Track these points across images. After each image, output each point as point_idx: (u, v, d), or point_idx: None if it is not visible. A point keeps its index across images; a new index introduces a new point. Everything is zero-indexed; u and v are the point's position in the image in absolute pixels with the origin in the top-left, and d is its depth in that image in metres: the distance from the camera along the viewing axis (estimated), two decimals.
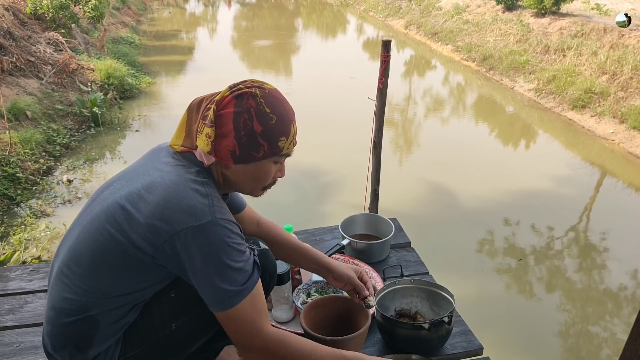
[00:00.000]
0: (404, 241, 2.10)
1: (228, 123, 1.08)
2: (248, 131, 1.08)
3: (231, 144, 1.09)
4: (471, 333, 1.59)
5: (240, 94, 1.09)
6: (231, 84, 1.13)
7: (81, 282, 1.08)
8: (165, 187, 1.06)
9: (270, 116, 1.10)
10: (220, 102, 1.10)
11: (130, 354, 1.15)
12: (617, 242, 4.54)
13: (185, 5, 20.77)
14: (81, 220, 1.15)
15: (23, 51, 7.11)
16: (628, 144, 6.51)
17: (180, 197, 1.04)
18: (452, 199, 5.15)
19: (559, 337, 3.42)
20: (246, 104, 1.08)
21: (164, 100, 8.18)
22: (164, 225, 1.03)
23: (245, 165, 1.12)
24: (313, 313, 1.43)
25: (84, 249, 1.09)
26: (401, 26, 14.87)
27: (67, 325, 1.10)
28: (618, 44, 8.34)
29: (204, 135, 1.09)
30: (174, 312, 1.15)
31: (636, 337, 1.00)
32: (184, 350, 1.20)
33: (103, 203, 1.11)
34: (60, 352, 1.13)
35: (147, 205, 1.04)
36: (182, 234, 1.02)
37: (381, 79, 2.62)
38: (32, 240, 4.06)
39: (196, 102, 1.15)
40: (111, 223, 1.06)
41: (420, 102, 9.01)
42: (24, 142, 5.23)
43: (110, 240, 1.06)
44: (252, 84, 1.12)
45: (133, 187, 1.09)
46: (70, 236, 1.16)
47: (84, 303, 1.08)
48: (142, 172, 1.13)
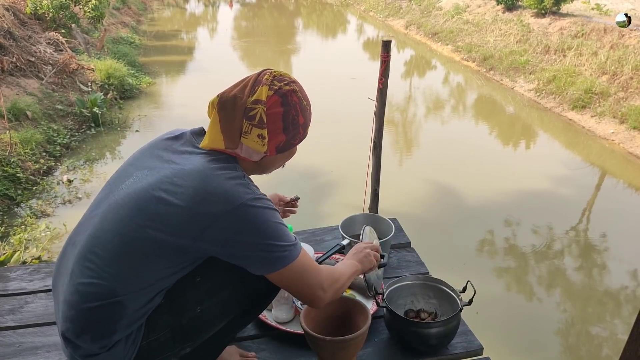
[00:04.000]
0: (404, 241, 2.10)
1: (277, 121, 1.15)
2: (295, 125, 1.19)
3: (280, 139, 1.18)
4: (471, 333, 1.60)
5: (285, 92, 1.16)
6: (263, 80, 1.16)
7: (109, 267, 1.08)
8: (200, 172, 1.09)
9: (307, 107, 1.22)
10: (267, 102, 1.14)
11: (152, 338, 1.15)
12: (617, 242, 4.54)
13: (185, 5, 20.77)
14: (102, 207, 1.14)
15: (23, 51, 7.11)
16: (628, 144, 6.51)
17: (219, 180, 1.08)
18: (452, 199, 5.15)
19: (559, 337, 3.42)
20: (291, 101, 1.17)
21: (164, 100, 8.19)
22: (209, 207, 1.06)
23: (283, 153, 1.22)
24: (313, 313, 1.43)
25: (111, 236, 1.08)
26: (401, 26, 14.87)
27: (93, 309, 1.09)
28: (618, 44, 8.34)
29: (254, 136, 1.13)
30: (199, 297, 1.17)
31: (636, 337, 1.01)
32: (202, 335, 1.21)
33: (130, 191, 1.11)
34: (83, 337, 1.11)
35: (185, 190, 1.07)
36: (229, 214, 1.06)
37: (381, 79, 2.62)
38: (33, 240, 4.06)
39: (228, 99, 1.15)
40: (145, 211, 1.07)
41: (421, 102, 9.01)
42: (24, 142, 5.23)
43: (142, 229, 1.07)
44: (286, 79, 1.19)
45: (162, 175, 1.10)
46: (89, 224, 1.14)
47: (112, 288, 1.08)
48: (165, 160, 1.15)
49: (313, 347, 1.40)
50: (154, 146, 1.23)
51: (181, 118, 7.06)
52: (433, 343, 1.47)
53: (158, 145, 1.22)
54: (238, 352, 1.47)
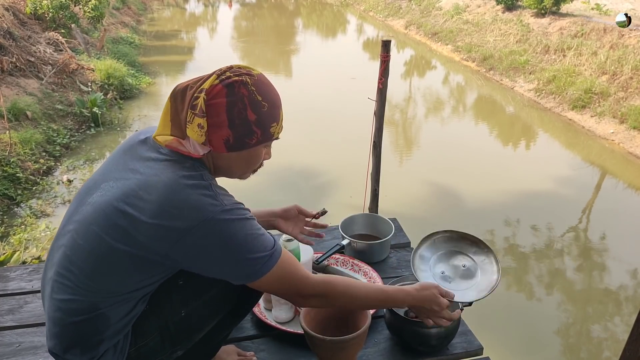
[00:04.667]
0: (404, 241, 2.10)
1: (221, 113, 1.07)
2: (242, 120, 1.08)
3: (225, 134, 1.08)
4: (471, 333, 1.59)
5: (231, 82, 1.08)
6: (217, 71, 1.11)
7: (85, 283, 1.07)
8: (165, 185, 1.03)
9: (262, 104, 1.10)
10: (210, 91, 1.07)
11: (140, 344, 1.15)
12: (617, 242, 4.54)
13: (185, 5, 20.76)
14: (73, 222, 1.12)
15: (23, 51, 7.11)
16: (628, 144, 6.51)
17: (184, 193, 1.03)
18: (452, 199, 5.15)
19: (559, 337, 3.42)
20: (238, 93, 1.07)
21: (164, 100, 8.12)
22: (174, 223, 1.01)
23: (239, 152, 1.12)
24: (313, 313, 1.43)
25: (84, 253, 1.07)
26: (401, 26, 14.87)
27: (77, 324, 1.08)
28: (618, 44, 8.34)
29: (195, 125, 1.06)
30: (183, 299, 1.15)
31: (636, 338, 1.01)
32: (192, 337, 1.20)
33: (96, 205, 1.08)
34: (71, 351, 1.11)
35: (150, 205, 1.02)
36: (196, 229, 1.01)
37: (381, 79, 2.62)
38: (32, 240, 4.06)
39: (180, 89, 1.11)
40: (112, 227, 1.04)
41: (420, 102, 9.01)
42: (24, 142, 5.24)
43: (113, 245, 1.04)
44: (240, 71, 1.11)
45: (127, 188, 1.06)
46: (62, 238, 1.13)
47: (92, 302, 1.07)
48: (129, 169, 1.10)
49: (313, 347, 1.40)
50: (123, 151, 1.18)
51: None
52: (433, 343, 1.47)
53: (126, 150, 1.17)
54: (237, 352, 1.47)
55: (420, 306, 1.29)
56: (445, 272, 1.53)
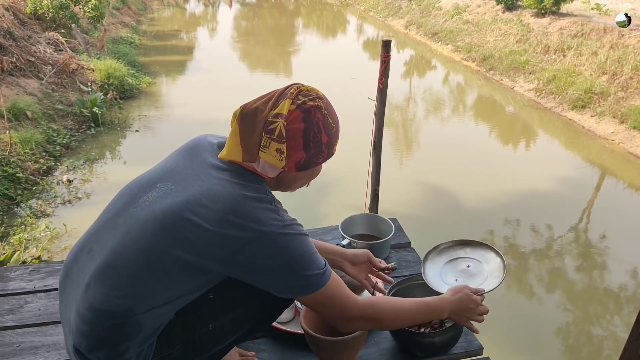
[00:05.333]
0: (404, 241, 2.10)
1: (298, 137, 1.10)
2: (317, 143, 1.12)
3: (300, 157, 1.12)
4: (471, 333, 1.59)
5: (308, 108, 1.10)
6: (288, 93, 1.12)
7: (130, 285, 1.06)
8: (231, 195, 1.06)
9: (332, 126, 1.15)
10: (288, 116, 1.09)
11: (165, 354, 1.14)
12: (617, 242, 4.54)
13: (185, 5, 20.77)
14: (123, 221, 1.10)
15: (23, 51, 7.11)
16: (628, 144, 6.52)
17: (249, 205, 1.06)
18: (452, 199, 5.15)
19: (559, 337, 3.42)
20: (314, 118, 1.11)
21: (164, 100, 8.19)
22: (238, 233, 1.04)
23: (305, 171, 1.17)
24: (313, 313, 1.43)
25: (134, 253, 1.06)
26: (401, 26, 14.87)
27: (110, 327, 1.07)
28: (618, 44, 8.34)
29: (272, 150, 1.09)
30: (212, 313, 1.15)
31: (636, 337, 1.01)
32: (212, 349, 1.21)
33: (154, 207, 1.08)
34: (96, 353, 1.09)
35: (214, 214, 1.04)
36: (258, 241, 1.04)
37: (381, 79, 2.62)
38: (32, 240, 4.06)
39: (249, 111, 1.11)
40: (171, 232, 1.04)
41: (421, 102, 9.01)
42: (24, 142, 5.23)
43: (169, 250, 1.04)
44: (312, 94, 1.13)
45: (189, 194, 1.07)
46: (108, 235, 1.11)
47: (129, 306, 1.06)
48: (192, 175, 1.11)
49: (313, 347, 1.40)
50: (183, 153, 1.19)
51: (181, 118, 7.06)
52: (435, 351, 1.47)
53: (186, 152, 1.19)
54: (238, 351, 1.47)
55: (459, 309, 1.32)
56: (458, 280, 1.55)
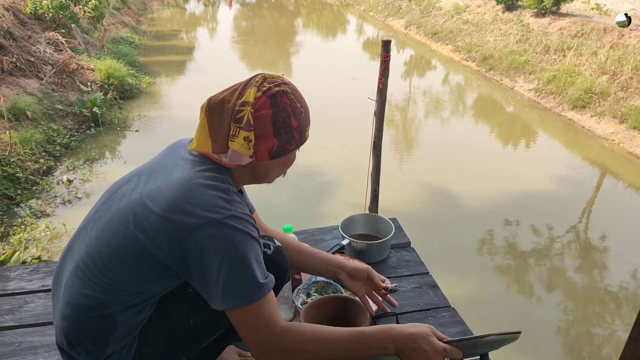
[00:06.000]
0: (404, 241, 2.10)
1: (266, 124, 1.09)
2: (286, 129, 1.11)
3: (271, 143, 1.11)
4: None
5: (274, 93, 1.10)
6: (253, 82, 1.12)
7: (98, 278, 1.07)
8: (184, 182, 1.05)
9: (301, 110, 1.14)
10: (255, 103, 1.08)
11: (146, 350, 1.15)
12: (617, 242, 4.54)
13: (185, 5, 20.77)
14: (98, 215, 1.13)
15: (23, 51, 7.11)
16: (628, 144, 6.51)
17: (201, 192, 1.03)
18: (452, 199, 5.15)
19: (559, 337, 3.42)
20: (281, 102, 1.10)
21: (164, 100, 8.19)
22: (184, 218, 1.01)
23: (279, 159, 1.15)
24: (313, 313, 1.43)
25: (103, 246, 1.07)
26: (401, 26, 14.87)
27: (85, 321, 1.09)
28: (618, 44, 8.34)
29: (240, 138, 1.08)
30: (191, 308, 1.14)
31: (636, 337, 1.00)
32: (197, 345, 1.20)
33: (122, 200, 1.10)
34: (77, 349, 1.11)
35: (165, 199, 1.03)
36: (202, 228, 1.00)
37: (381, 79, 2.62)
38: (32, 240, 4.06)
39: (216, 103, 1.11)
40: (131, 220, 1.05)
41: (420, 102, 9.01)
42: (24, 142, 5.23)
43: (128, 238, 1.05)
44: (277, 81, 1.13)
45: (154, 184, 1.08)
46: (85, 231, 1.14)
47: (102, 300, 1.07)
48: (162, 168, 1.13)
49: None
50: (163, 152, 1.22)
51: (181, 118, 7.06)
52: None
53: (169, 150, 1.22)
54: (237, 351, 1.47)
55: (406, 347, 1.04)
56: None
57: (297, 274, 1.69)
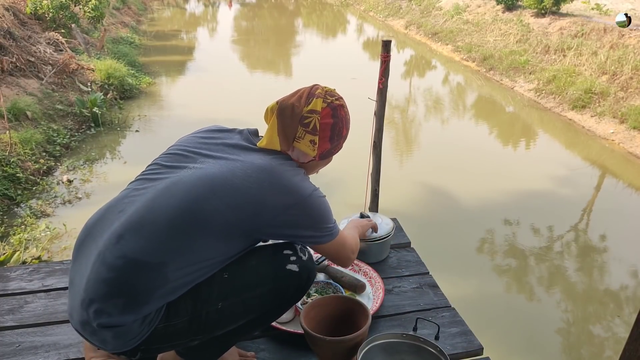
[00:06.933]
0: (404, 241, 2.10)
1: (327, 130, 1.33)
2: (339, 136, 1.37)
3: (326, 147, 1.35)
4: (471, 333, 1.59)
5: (336, 106, 1.34)
6: (316, 93, 1.32)
7: (168, 240, 1.13)
8: (272, 168, 1.23)
9: (349, 122, 1.42)
10: (321, 112, 1.31)
11: (170, 323, 1.16)
12: (617, 242, 4.54)
13: (185, 5, 20.77)
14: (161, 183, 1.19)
15: (23, 51, 7.11)
16: (628, 144, 6.52)
17: (287, 175, 1.24)
18: (452, 199, 5.15)
19: (559, 337, 3.42)
20: (340, 114, 1.36)
21: (164, 100, 8.19)
22: (281, 199, 1.20)
23: (325, 159, 1.40)
24: (313, 313, 1.43)
25: (178, 212, 1.14)
26: (401, 26, 14.87)
27: (137, 277, 1.11)
28: (618, 44, 8.34)
29: (307, 141, 1.30)
30: (223, 292, 1.21)
31: (636, 337, 1.00)
32: (215, 330, 1.24)
33: (198, 174, 1.19)
34: (114, 300, 1.11)
35: (261, 183, 1.19)
36: (299, 203, 1.23)
37: (381, 79, 2.62)
38: (32, 240, 4.06)
39: (287, 107, 1.30)
40: (220, 196, 1.16)
41: (421, 102, 9.01)
42: (24, 142, 5.23)
43: (215, 209, 1.15)
44: (336, 95, 1.37)
45: (234, 166, 1.21)
46: (141, 197, 1.18)
47: (164, 260, 1.12)
48: (228, 152, 1.26)
49: (313, 347, 1.40)
50: (205, 136, 1.33)
51: (181, 118, 7.06)
52: None
53: (209, 136, 1.33)
54: (237, 351, 1.47)
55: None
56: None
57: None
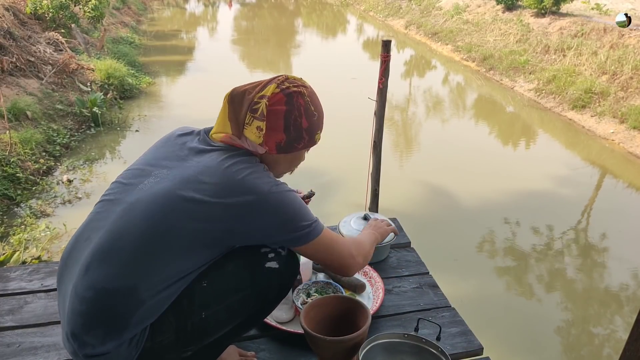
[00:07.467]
0: (404, 241, 2.10)
1: (279, 119, 1.20)
2: (296, 127, 1.22)
3: (280, 138, 1.21)
4: (471, 333, 1.59)
5: (291, 92, 1.21)
6: (274, 80, 1.22)
7: (132, 264, 1.09)
8: (225, 169, 1.13)
9: (314, 113, 1.25)
10: (271, 98, 1.19)
11: (157, 340, 1.15)
12: (617, 242, 4.54)
13: (185, 5, 20.77)
14: (121, 206, 1.14)
15: (23, 51, 7.11)
16: (628, 143, 6.51)
17: (241, 174, 1.14)
18: (452, 199, 5.15)
19: (559, 337, 3.42)
20: (297, 102, 1.21)
21: (164, 100, 8.18)
22: (238, 199, 1.11)
23: (286, 154, 1.25)
24: (313, 313, 1.43)
25: (137, 232, 1.10)
26: (401, 26, 14.87)
27: (110, 303, 1.09)
28: (618, 43, 8.34)
29: (254, 127, 1.19)
30: (205, 301, 1.17)
31: (636, 337, 1.00)
32: (205, 340, 1.21)
33: (152, 190, 1.13)
34: (94, 332, 1.10)
35: (213, 187, 1.11)
36: (259, 202, 1.12)
37: (381, 79, 2.62)
38: (32, 240, 4.06)
39: (238, 93, 1.21)
40: (175, 210, 1.10)
41: (421, 102, 9.01)
42: (24, 142, 5.23)
43: (174, 225, 1.10)
44: (297, 82, 1.24)
45: (186, 174, 1.14)
46: (104, 221, 1.14)
47: (134, 283, 1.09)
48: (183, 158, 1.19)
49: (313, 347, 1.40)
50: (168, 144, 1.26)
51: (181, 118, 7.06)
52: None
53: (172, 143, 1.25)
54: (237, 351, 1.47)
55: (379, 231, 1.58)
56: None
57: (297, 274, 1.69)
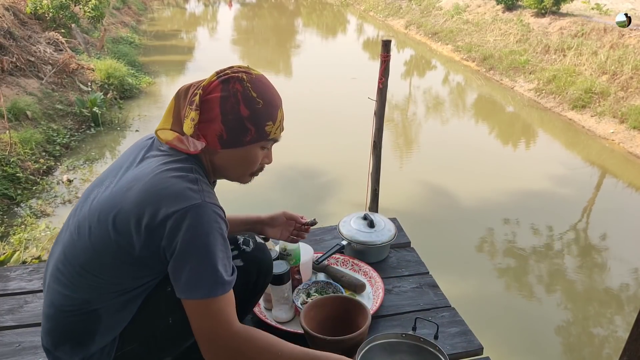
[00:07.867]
0: (404, 241, 2.10)
1: (215, 107, 1.08)
2: (235, 115, 1.09)
3: (218, 129, 1.09)
4: (471, 333, 1.59)
5: (227, 78, 1.10)
6: (218, 70, 1.13)
7: (78, 280, 1.09)
8: (154, 175, 1.04)
9: (257, 100, 1.11)
10: (207, 87, 1.10)
11: (127, 349, 1.15)
12: (617, 242, 4.54)
13: (185, 5, 20.76)
14: (74, 219, 1.14)
15: (23, 51, 7.11)
16: (628, 143, 6.51)
17: (169, 182, 1.03)
18: (452, 199, 5.15)
19: (559, 337, 3.42)
20: (232, 88, 1.09)
21: (164, 100, 8.18)
22: (152, 210, 1.00)
23: (233, 150, 1.12)
24: (313, 313, 1.43)
25: (77, 249, 1.09)
26: (401, 26, 14.87)
27: (69, 320, 1.11)
28: (618, 43, 8.34)
29: (189, 119, 1.08)
30: (170, 306, 1.12)
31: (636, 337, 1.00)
32: (178, 345, 1.20)
33: (94, 202, 1.10)
34: (62, 348, 1.13)
35: (138, 194, 1.03)
36: (171, 217, 0.99)
37: (381, 79, 2.62)
38: (32, 240, 4.06)
39: (184, 89, 1.14)
40: (107, 221, 1.05)
41: (421, 102, 9.01)
42: (24, 142, 5.23)
43: (103, 238, 1.05)
44: (239, 69, 1.13)
45: (121, 183, 1.08)
46: (63, 235, 1.16)
47: (85, 299, 1.09)
48: (128, 166, 1.13)
49: (313, 347, 1.40)
50: (132, 148, 1.21)
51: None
52: None
53: (135, 146, 1.21)
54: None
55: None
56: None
57: (297, 274, 1.69)
